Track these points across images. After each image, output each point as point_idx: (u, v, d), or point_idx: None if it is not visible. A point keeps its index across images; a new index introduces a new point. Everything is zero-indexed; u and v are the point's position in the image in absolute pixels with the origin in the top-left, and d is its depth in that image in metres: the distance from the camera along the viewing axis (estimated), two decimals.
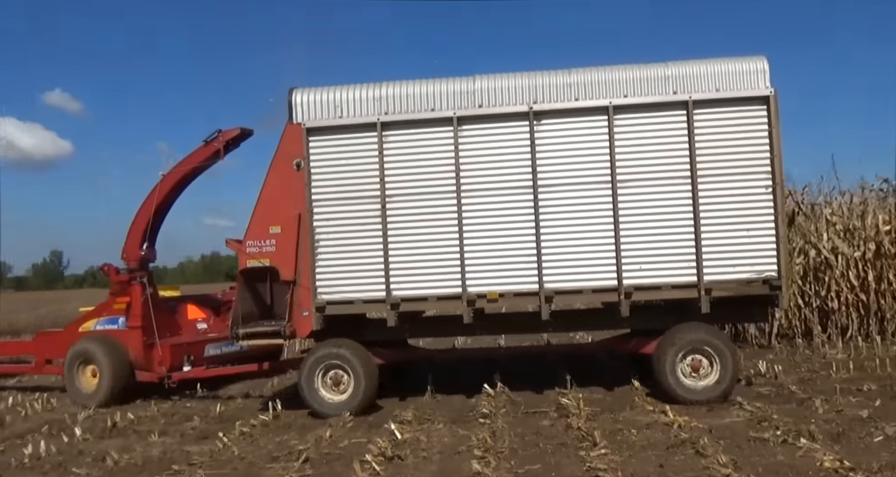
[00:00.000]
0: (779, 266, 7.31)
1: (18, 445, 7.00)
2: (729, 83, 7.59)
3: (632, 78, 7.71)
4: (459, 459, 5.65)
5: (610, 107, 7.63)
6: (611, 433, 6.20)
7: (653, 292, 7.59)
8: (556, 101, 7.77)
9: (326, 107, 8.03)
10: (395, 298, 7.73)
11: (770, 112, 7.47)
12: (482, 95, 7.86)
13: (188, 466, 5.83)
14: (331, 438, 6.54)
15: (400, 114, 7.90)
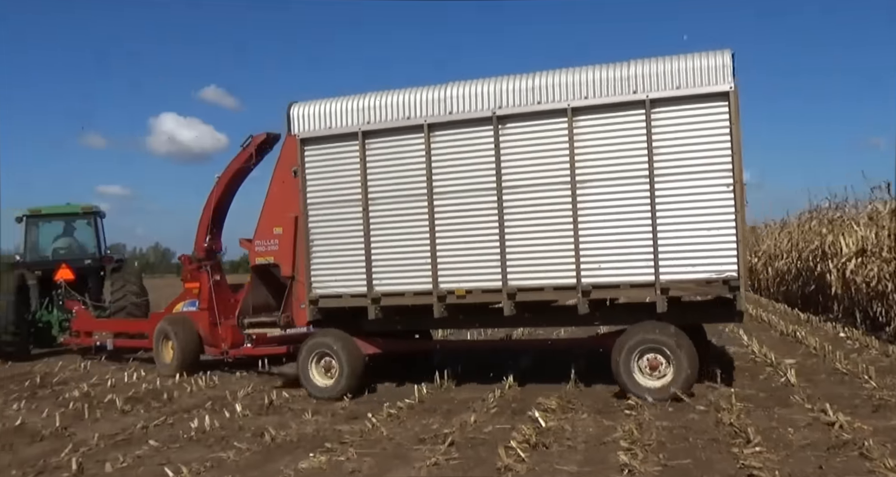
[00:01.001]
0: (738, 266, 7.06)
1: (185, 418, 7.48)
2: (690, 80, 7.36)
3: (592, 79, 7.67)
4: (605, 450, 5.58)
5: (569, 109, 7.65)
6: (765, 430, 5.94)
7: (611, 291, 7.67)
8: (519, 106, 7.90)
9: (318, 119, 8.70)
10: (376, 293, 8.31)
11: (731, 108, 7.17)
12: (452, 102, 8.14)
13: (340, 445, 6.05)
14: (475, 424, 6.61)
15: (379, 123, 8.40)
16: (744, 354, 10.26)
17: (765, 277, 22.98)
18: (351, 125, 8.51)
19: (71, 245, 15.28)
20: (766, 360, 9.39)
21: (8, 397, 9.33)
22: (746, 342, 11.11)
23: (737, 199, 7.10)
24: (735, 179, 7.11)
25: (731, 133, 7.16)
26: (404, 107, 8.34)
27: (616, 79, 7.58)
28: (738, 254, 7.06)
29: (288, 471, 5.34)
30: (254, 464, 5.67)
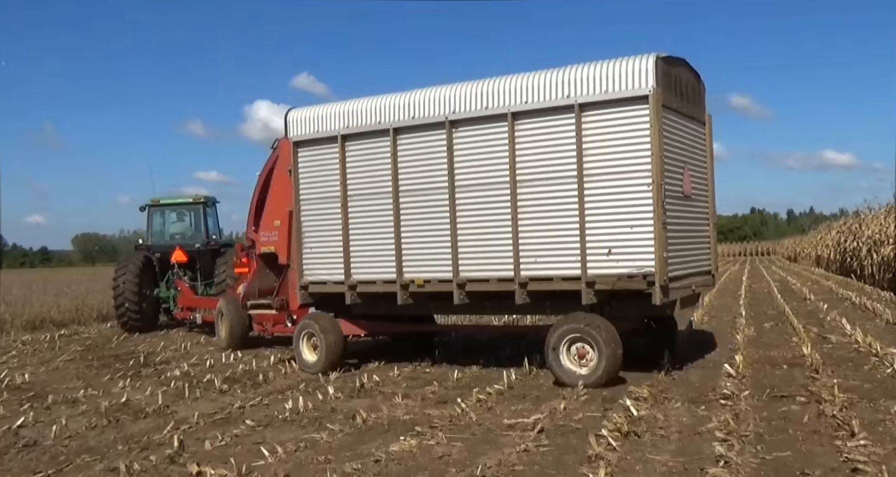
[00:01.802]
0: (655, 262, 7.36)
1: (280, 400, 7.67)
2: (616, 84, 7.63)
3: (531, 85, 8.10)
4: (700, 440, 5.44)
5: (509, 113, 8.10)
6: (870, 423, 5.68)
7: (545, 283, 8.03)
8: (468, 111, 8.42)
9: (308, 123, 9.68)
10: (352, 281, 9.25)
11: (651, 111, 7.37)
12: (414, 108, 8.82)
13: (430, 429, 6.09)
14: (565, 411, 6.55)
15: (355, 127, 9.22)
16: (846, 343, 9.85)
17: (869, 263, 22.02)
18: (333, 129, 9.41)
19: (184, 230, 17.06)
20: (871, 350, 8.98)
21: (114, 375, 9.77)
22: (849, 331, 10.66)
23: (655, 200, 7.38)
24: (653, 181, 7.40)
25: (651, 135, 7.42)
26: (376, 112, 9.12)
27: (552, 84, 7.99)
28: (655, 251, 7.37)
29: (379, 453, 5.41)
30: (346, 445, 5.76)
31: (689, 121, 8.46)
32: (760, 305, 16.42)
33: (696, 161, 8.64)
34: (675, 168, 7.94)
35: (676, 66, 8.12)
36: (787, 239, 70.89)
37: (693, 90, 8.57)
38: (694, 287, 8.39)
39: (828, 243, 33.05)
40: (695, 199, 8.52)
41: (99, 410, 7.49)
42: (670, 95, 7.78)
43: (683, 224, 8.15)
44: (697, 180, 8.65)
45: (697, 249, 8.62)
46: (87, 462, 5.66)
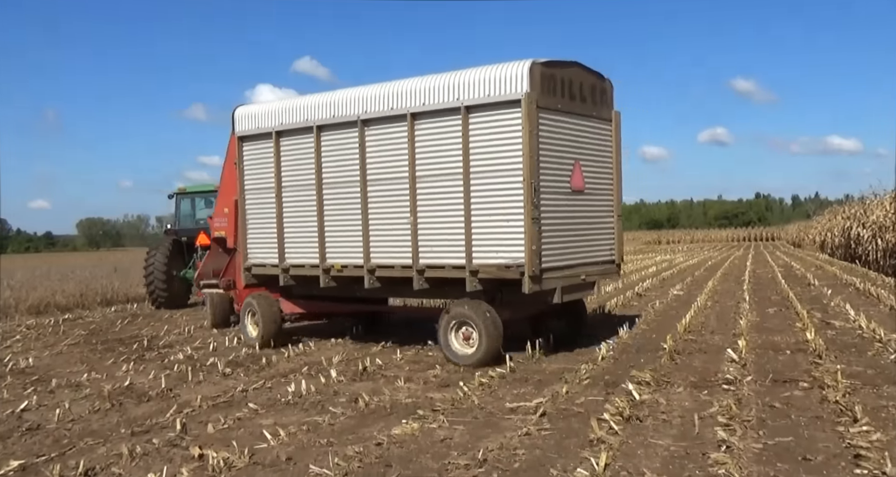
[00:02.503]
0: (524, 254, 7.90)
1: (282, 383, 7.68)
2: (498, 88, 8.11)
3: (428, 87, 8.60)
4: (702, 425, 5.44)
5: (408, 114, 8.66)
6: (874, 409, 5.67)
7: (439, 271, 8.63)
8: (377, 111, 9.01)
9: (251, 120, 10.46)
10: (285, 265, 10.10)
11: (524, 114, 7.82)
12: (335, 107, 9.46)
13: (432, 412, 6.10)
14: (567, 395, 6.55)
15: (287, 124, 9.94)
16: (850, 329, 9.84)
17: (873, 249, 21.96)
18: (269, 126, 10.17)
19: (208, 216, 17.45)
20: (875, 336, 8.97)
21: (118, 359, 9.79)
22: (853, 317, 10.64)
23: (526, 197, 7.86)
24: (524, 179, 7.87)
25: (523, 136, 7.87)
26: (303, 110, 9.80)
27: (445, 87, 8.47)
28: (525, 244, 7.89)
29: (381, 436, 5.42)
30: (348, 428, 5.77)
31: (585, 119, 8.86)
32: (764, 290, 16.40)
33: (594, 157, 9.07)
34: (561, 165, 8.44)
35: (564, 68, 8.51)
36: (791, 224, 70.74)
37: (592, 90, 8.97)
38: (585, 276, 8.84)
39: (832, 229, 32.97)
40: (591, 193, 8.99)
41: (102, 393, 7.50)
42: (551, 98, 8.23)
43: (571, 217, 8.65)
44: (596, 175, 9.10)
45: (592, 241, 9.09)
46: (90, 445, 5.67)
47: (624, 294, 15.68)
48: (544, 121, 8.09)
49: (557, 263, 8.37)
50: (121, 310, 17.13)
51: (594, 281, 9.23)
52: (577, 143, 8.72)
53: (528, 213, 7.88)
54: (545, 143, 8.11)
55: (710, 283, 18.25)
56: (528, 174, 7.86)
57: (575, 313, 9.76)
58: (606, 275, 9.56)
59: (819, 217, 43.29)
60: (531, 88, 7.89)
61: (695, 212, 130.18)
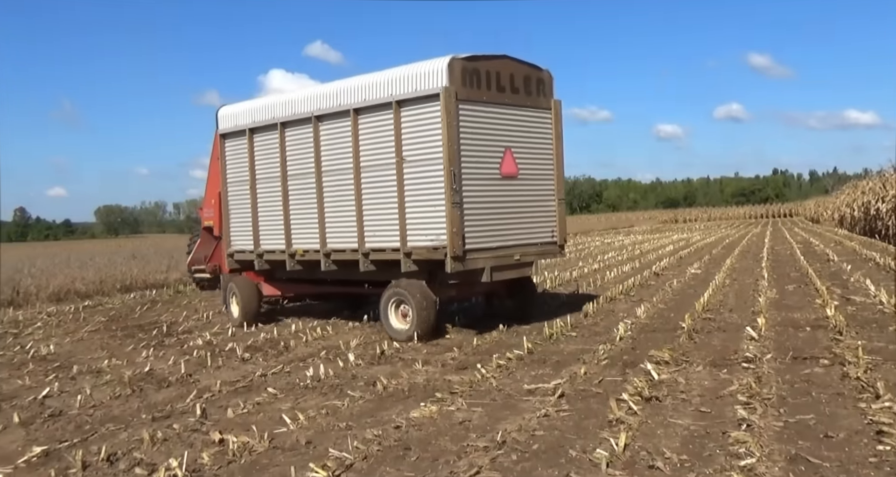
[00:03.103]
0: (446, 237, 8.50)
1: (301, 367, 7.71)
2: (423, 82, 8.70)
3: (369, 83, 9.29)
4: (721, 404, 5.41)
5: (351, 110, 9.35)
6: (895, 385, 5.62)
7: (381, 254, 9.32)
8: (328, 107, 9.73)
9: (232, 118, 11.37)
10: (260, 250, 10.99)
11: (443, 107, 8.39)
12: (295, 105, 10.25)
13: (450, 394, 6.10)
14: (585, 375, 6.54)
15: (259, 122, 10.78)
16: (870, 304, 9.75)
17: (893, 223, 21.73)
18: (244, 123, 11.04)
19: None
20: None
21: (138, 345, 9.87)
22: (874, 292, 10.55)
23: (446, 183, 8.44)
24: (445, 167, 8.44)
25: (443, 128, 8.43)
26: (271, 109, 10.65)
27: (382, 83, 9.12)
28: (446, 227, 8.49)
29: (399, 419, 5.43)
30: (367, 412, 5.79)
31: (517, 109, 9.33)
32: (783, 267, 16.28)
33: (529, 144, 9.54)
34: (488, 153, 8.99)
35: (490, 61, 8.98)
36: (809, 200, 70.19)
37: (525, 81, 9.43)
38: (519, 256, 9.28)
39: (851, 204, 32.63)
40: (527, 178, 9.50)
41: (123, 379, 7.57)
42: (474, 90, 8.74)
43: (502, 202, 9.19)
44: (533, 161, 9.60)
45: (529, 223, 9.58)
46: (111, 431, 5.72)
47: (641, 274, 15.62)
48: (466, 112, 8.65)
49: (485, 244, 8.93)
50: (140, 296, 17.24)
51: (531, 261, 9.69)
52: (507, 131, 9.23)
53: (449, 199, 8.49)
54: (468, 132, 8.68)
55: (728, 261, 18.14)
56: (448, 162, 8.45)
57: (524, 293, 10.35)
58: (546, 255, 10.19)
59: (837, 192, 42.89)
60: (450, 82, 8.47)
61: (711, 189, 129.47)
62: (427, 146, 8.69)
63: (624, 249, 26.87)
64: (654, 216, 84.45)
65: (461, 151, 8.59)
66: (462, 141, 8.59)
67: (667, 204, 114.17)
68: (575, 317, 9.76)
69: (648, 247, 27.38)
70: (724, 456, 4.31)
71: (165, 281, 19.60)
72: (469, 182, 8.68)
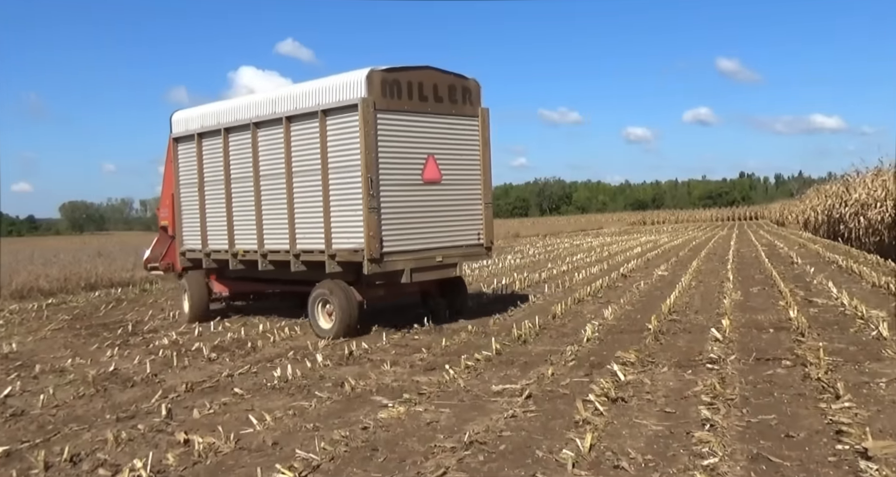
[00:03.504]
0: (364, 240, 8.91)
1: (268, 367, 7.67)
2: (345, 93, 9.13)
3: (301, 93, 9.71)
4: (686, 404, 5.48)
5: (284, 118, 9.76)
6: (855, 386, 5.74)
7: (310, 255, 9.67)
8: (264, 115, 10.17)
9: (183, 123, 11.77)
10: (207, 250, 11.35)
11: (360, 117, 8.79)
12: (238, 112, 10.68)
13: (418, 395, 6.11)
14: (552, 376, 6.58)
15: (206, 128, 11.19)
16: (832, 306, 9.92)
17: (855, 226, 22.12)
18: (194, 128, 11.42)
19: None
20: (857, 312, 9.05)
21: (102, 344, 9.75)
22: (836, 294, 10.74)
23: (363, 189, 8.86)
24: (363, 175, 8.85)
25: (361, 136, 8.85)
26: (217, 114, 11.05)
27: (312, 92, 9.54)
28: (363, 231, 8.89)
29: (367, 420, 5.42)
30: (334, 413, 5.78)
31: (442, 117, 9.70)
32: (748, 269, 16.50)
33: (454, 151, 9.91)
34: (408, 159, 9.36)
35: (412, 72, 9.36)
36: (775, 203, 71.20)
37: (450, 91, 9.78)
38: (441, 258, 9.68)
39: (815, 207, 33.16)
40: (451, 183, 9.87)
41: (86, 379, 7.48)
42: (394, 100, 9.12)
43: (424, 206, 9.56)
44: (458, 167, 9.97)
45: (453, 226, 9.94)
46: (74, 431, 5.66)
47: (609, 275, 15.75)
48: (385, 121, 9.03)
49: (405, 247, 9.33)
50: (105, 294, 17.04)
51: (455, 262, 9.97)
52: (430, 138, 9.61)
53: (367, 204, 8.88)
54: (386, 140, 9.06)
55: (695, 263, 18.35)
56: (366, 169, 8.85)
57: (455, 292, 10.78)
58: (472, 257, 10.62)
59: (802, 196, 43.56)
60: (369, 93, 8.87)
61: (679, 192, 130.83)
62: (348, 154, 9.08)
63: (593, 250, 27.07)
64: (622, 218, 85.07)
65: (379, 158, 8.97)
66: (380, 148, 8.98)
67: (635, 206, 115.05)
68: (543, 318, 9.81)
69: (617, 249, 27.59)
70: (688, 456, 4.37)
71: (131, 279, 19.38)
72: (388, 188, 9.09)
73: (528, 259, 23.76)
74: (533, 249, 30.80)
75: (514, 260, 23.36)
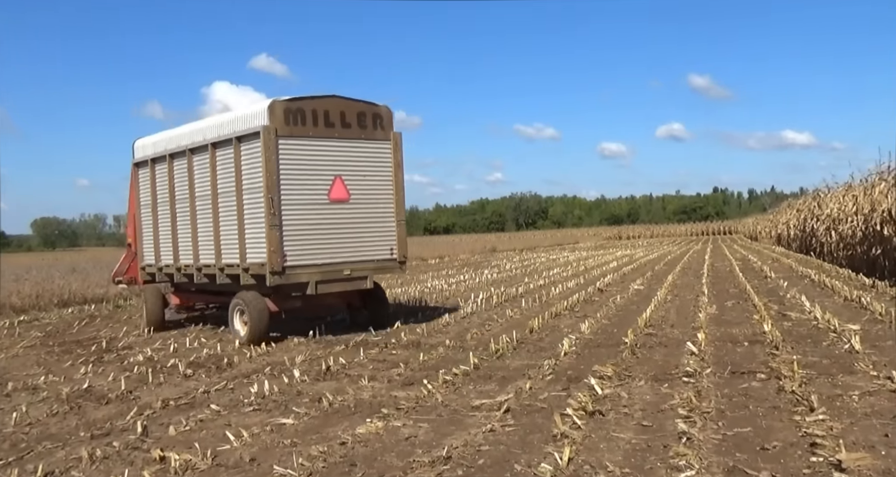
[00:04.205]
0: (266, 255, 9.90)
1: (245, 384, 7.62)
2: (254, 121, 10.06)
3: (224, 121, 10.71)
4: (663, 418, 5.52)
5: (209, 144, 10.78)
6: (829, 398, 5.80)
7: (231, 268, 10.65)
8: (196, 142, 11.19)
9: (141, 149, 12.91)
10: (160, 265, 12.44)
11: (262, 143, 9.77)
12: (180, 139, 11.76)
13: (396, 410, 6.10)
14: (530, 390, 6.59)
15: (156, 154, 12.30)
16: (806, 320, 10.04)
17: (828, 241, 22.40)
18: (148, 154, 12.52)
19: None
20: (829, 326, 9.16)
21: (76, 361, 9.63)
22: (809, 308, 10.86)
23: (266, 208, 9.82)
24: (265, 195, 9.81)
25: (263, 161, 9.79)
26: (166, 141, 12.12)
27: (231, 121, 10.53)
28: (266, 247, 9.87)
29: (345, 436, 5.40)
30: (312, 429, 5.75)
31: (350, 141, 10.56)
32: (722, 283, 16.66)
33: (364, 172, 10.76)
34: (313, 181, 10.26)
35: (317, 101, 10.27)
36: (748, 218, 71.93)
37: (359, 117, 10.61)
38: (350, 271, 10.50)
39: (788, 222, 33.56)
40: (360, 202, 10.71)
41: (60, 396, 7.39)
42: (298, 128, 10.03)
43: (330, 223, 10.43)
44: (369, 187, 10.80)
45: (364, 242, 10.77)
46: (48, 449, 5.58)
47: (586, 289, 15.82)
48: (287, 147, 9.95)
49: (309, 261, 10.17)
50: (78, 311, 16.86)
51: (365, 275, 10.69)
52: (338, 161, 10.47)
53: (268, 222, 9.82)
54: (289, 164, 9.98)
55: (670, 277, 18.49)
56: (267, 191, 9.80)
57: (375, 303, 11.56)
58: (384, 270, 11.20)
59: (775, 211, 44.09)
60: (270, 122, 9.79)
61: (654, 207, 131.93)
62: (255, 176, 10.01)
63: (569, 265, 27.18)
64: (598, 233, 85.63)
65: (281, 180, 9.89)
66: (283, 171, 9.91)
67: (611, 221, 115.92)
68: (520, 332, 9.83)
69: (593, 263, 27.74)
70: (665, 468, 4.40)
71: (105, 295, 19.17)
72: (291, 207, 10.01)
73: (504, 273, 23.82)
74: (510, 263, 30.88)
75: (490, 274, 23.40)
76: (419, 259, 38.54)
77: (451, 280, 21.24)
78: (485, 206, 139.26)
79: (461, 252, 46.20)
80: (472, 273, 24.40)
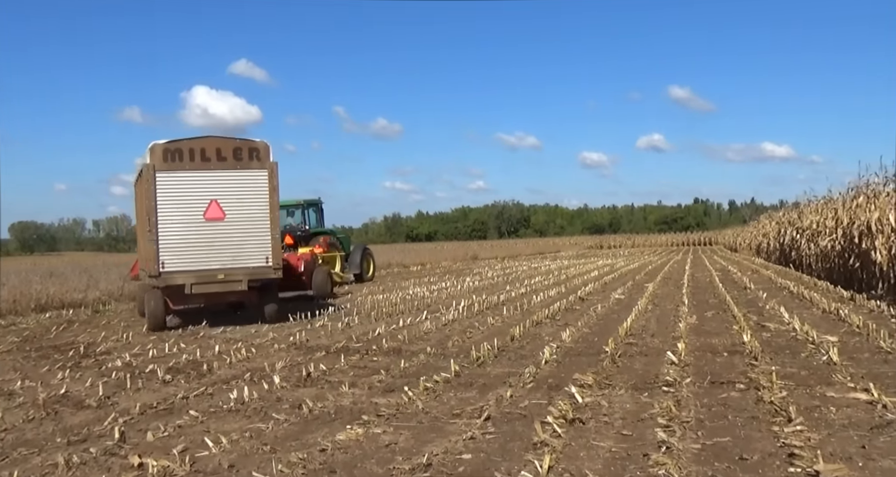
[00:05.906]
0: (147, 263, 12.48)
1: (224, 390, 7.57)
2: (146, 159, 12.49)
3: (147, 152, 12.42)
4: (643, 427, 5.53)
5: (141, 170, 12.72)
6: (807, 409, 5.85)
7: (145, 273, 12.76)
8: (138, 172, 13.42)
9: (138, 166, 13.57)
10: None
11: (144, 176, 12.41)
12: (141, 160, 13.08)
13: (377, 417, 6.08)
14: (511, 398, 6.60)
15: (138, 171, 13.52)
16: (784, 331, 10.11)
17: (807, 254, 22.60)
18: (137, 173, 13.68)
19: (293, 223, 23.54)
20: (808, 337, 9.23)
21: (53, 366, 9.53)
22: (788, 320, 10.94)
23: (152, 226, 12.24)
24: (145, 216, 12.38)
25: (149, 190, 12.24)
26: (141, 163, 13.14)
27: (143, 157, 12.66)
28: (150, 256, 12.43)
29: (325, 443, 5.38)
30: (292, 435, 5.72)
31: (224, 172, 12.58)
32: (703, 293, 16.75)
33: (240, 195, 12.72)
34: (189, 204, 12.42)
35: (196, 141, 12.54)
36: (728, 229, 72.50)
37: (235, 152, 12.67)
38: (223, 276, 12.53)
39: (767, 233, 33.83)
40: (235, 220, 12.66)
41: (37, 402, 7.30)
42: (175, 163, 12.28)
43: (206, 237, 12.52)
44: (245, 208, 12.74)
45: (239, 252, 12.74)
46: (24, 455, 5.51)
47: (567, 298, 15.86)
48: (164, 179, 12.23)
49: (184, 267, 12.36)
50: (56, 316, 16.69)
51: (240, 279, 12.66)
52: (214, 188, 12.52)
53: (146, 238, 12.56)
54: (166, 192, 12.25)
55: (651, 287, 18.57)
56: (145, 213, 12.36)
57: (266, 301, 13.61)
58: (259, 276, 12.91)
59: (755, 222, 44.44)
60: (151, 160, 12.21)
61: (636, 217, 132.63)
62: (146, 201, 12.32)
63: (550, 273, 27.25)
64: (580, 242, 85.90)
65: (158, 205, 12.20)
66: (160, 197, 12.20)
67: (593, 230, 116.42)
68: (502, 340, 9.84)
69: (574, 272, 27.82)
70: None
71: (84, 300, 19.00)
72: (168, 225, 12.27)
73: (486, 281, 23.84)
74: (491, 271, 30.91)
75: (472, 282, 23.41)
76: (401, 266, 38.50)
77: (432, 287, 21.22)
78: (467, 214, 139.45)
79: (443, 259, 46.20)
80: (453, 280, 24.41)
